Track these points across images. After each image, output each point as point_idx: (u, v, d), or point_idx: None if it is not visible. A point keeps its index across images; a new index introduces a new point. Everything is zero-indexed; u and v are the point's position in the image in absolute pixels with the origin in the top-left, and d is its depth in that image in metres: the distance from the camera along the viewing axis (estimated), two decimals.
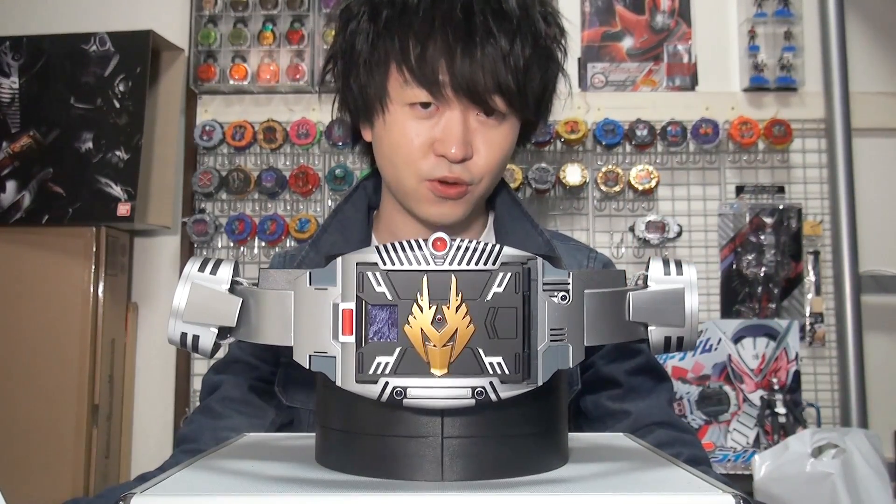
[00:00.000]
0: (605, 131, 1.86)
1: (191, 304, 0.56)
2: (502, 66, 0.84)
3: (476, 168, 0.88)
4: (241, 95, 1.95)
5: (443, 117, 0.87)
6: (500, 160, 0.90)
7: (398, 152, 0.88)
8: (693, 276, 0.57)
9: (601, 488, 0.50)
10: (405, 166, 0.89)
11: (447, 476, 0.52)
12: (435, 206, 0.90)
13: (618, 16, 1.96)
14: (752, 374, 1.80)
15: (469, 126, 0.87)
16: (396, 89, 0.87)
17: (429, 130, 0.87)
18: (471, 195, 0.91)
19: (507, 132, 0.90)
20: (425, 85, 0.85)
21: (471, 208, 0.93)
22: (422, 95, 0.86)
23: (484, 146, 0.88)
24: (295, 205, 1.91)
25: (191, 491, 0.50)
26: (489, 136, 0.88)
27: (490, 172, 0.90)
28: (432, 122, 0.87)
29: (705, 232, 1.90)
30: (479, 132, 0.88)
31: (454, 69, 0.84)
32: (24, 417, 1.73)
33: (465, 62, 0.84)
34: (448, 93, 0.85)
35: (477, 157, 0.88)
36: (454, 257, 0.49)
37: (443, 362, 0.49)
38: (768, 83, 1.92)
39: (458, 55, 0.83)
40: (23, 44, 1.85)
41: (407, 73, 0.85)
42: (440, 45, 0.84)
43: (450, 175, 0.87)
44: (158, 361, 1.90)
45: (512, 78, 0.85)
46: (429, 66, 0.84)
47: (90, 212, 1.77)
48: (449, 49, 0.84)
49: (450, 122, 0.86)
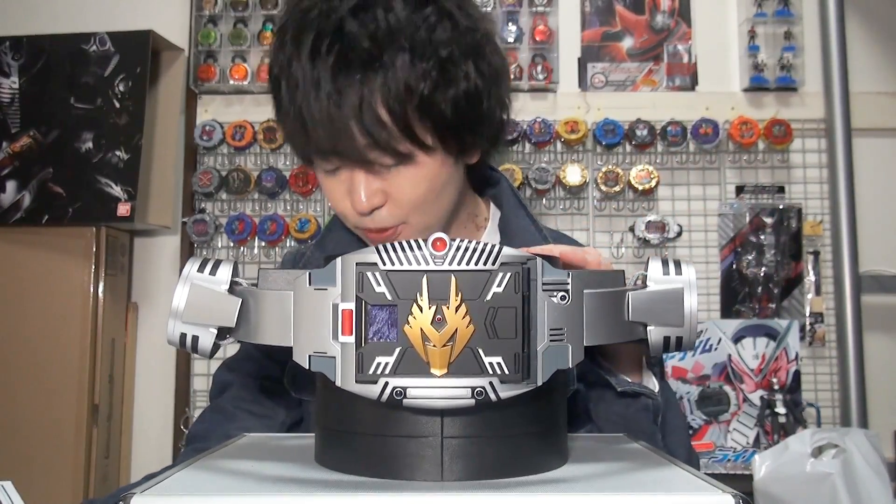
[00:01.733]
0: (605, 131, 1.86)
1: (190, 304, 0.56)
2: (377, 122, 0.79)
3: (394, 212, 0.86)
4: (241, 95, 1.95)
5: (346, 177, 0.85)
6: (421, 196, 0.85)
7: (333, 206, 0.90)
8: (692, 276, 0.58)
9: (601, 488, 0.50)
10: (342, 217, 0.91)
11: (447, 476, 0.52)
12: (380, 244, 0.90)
13: (618, 16, 1.96)
14: (752, 374, 1.80)
15: (368, 181, 0.84)
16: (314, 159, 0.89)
17: (344, 192, 0.86)
18: (408, 230, 0.88)
19: (415, 170, 0.84)
20: (319, 157, 0.85)
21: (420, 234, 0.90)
22: (325, 163, 0.85)
23: (394, 190, 0.85)
24: (295, 205, 1.91)
25: (191, 491, 0.50)
26: (395, 182, 0.85)
27: (416, 210, 0.86)
28: (343, 183, 0.86)
29: (705, 232, 1.90)
30: (386, 179, 0.85)
31: (331, 138, 0.81)
32: (24, 417, 1.73)
33: (337, 129, 0.80)
34: (334, 160, 0.84)
35: (391, 203, 0.85)
36: (454, 257, 0.49)
37: (442, 362, 0.49)
38: (768, 83, 1.92)
39: (319, 124, 0.80)
40: (23, 44, 1.85)
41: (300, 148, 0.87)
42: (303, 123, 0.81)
43: (371, 225, 0.86)
44: (158, 361, 1.90)
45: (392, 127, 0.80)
46: (313, 140, 0.82)
47: (90, 212, 1.77)
48: (325, 119, 0.80)
49: (349, 179, 0.85)
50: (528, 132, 1.86)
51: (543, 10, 1.91)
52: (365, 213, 0.85)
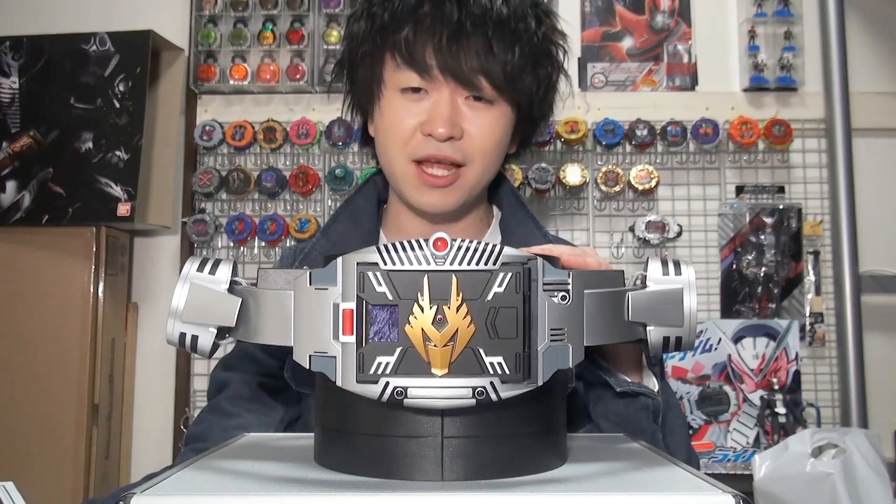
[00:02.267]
0: (605, 131, 1.86)
1: (189, 304, 0.56)
2: (488, 51, 0.88)
3: (466, 148, 0.91)
4: (241, 95, 1.95)
5: (432, 100, 0.90)
6: (492, 144, 0.92)
7: (390, 134, 0.92)
8: (691, 277, 0.58)
9: (601, 488, 0.50)
10: (395, 148, 0.92)
11: (447, 476, 0.52)
12: (425, 193, 0.92)
13: (618, 16, 1.96)
14: (752, 374, 1.80)
15: (457, 108, 0.90)
16: (389, 74, 0.92)
17: (418, 113, 0.90)
18: (461, 182, 0.92)
19: (497, 116, 0.92)
20: (414, 66, 0.89)
21: (464, 196, 0.94)
22: (412, 78, 0.90)
23: (473, 128, 0.91)
24: (295, 205, 1.91)
25: (191, 491, 0.50)
26: (478, 118, 0.91)
27: (482, 155, 0.92)
28: (422, 106, 0.91)
29: (705, 232, 1.90)
30: (468, 115, 0.91)
31: (441, 52, 0.88)
32: (24, 417, 1.73)
33: (451, 45, 0.87)
34: (436, 73, 0.89)
35: (467, 138, 0.90)
36: (455, 257, 0.49)
37: (443, 362, 0.49)
38: (768, 83, 1.91)
39: (445, 39, 0.87)
40: (23, 44, 1.85)
41: (398, 58, 0.90)
42: (429, 32, 0.88)
43: (437, 153, 0.90)
44: (158, 361, 1.90)
45: (498, 63, 0.88)
46: (418, 49, 0.89)
47: (90, 212, 1.77)
48: (437, 35, 0.88)
49: (437, 102, 0.90)
50: None
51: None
52: (443, 139, 0.89)
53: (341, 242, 0.98)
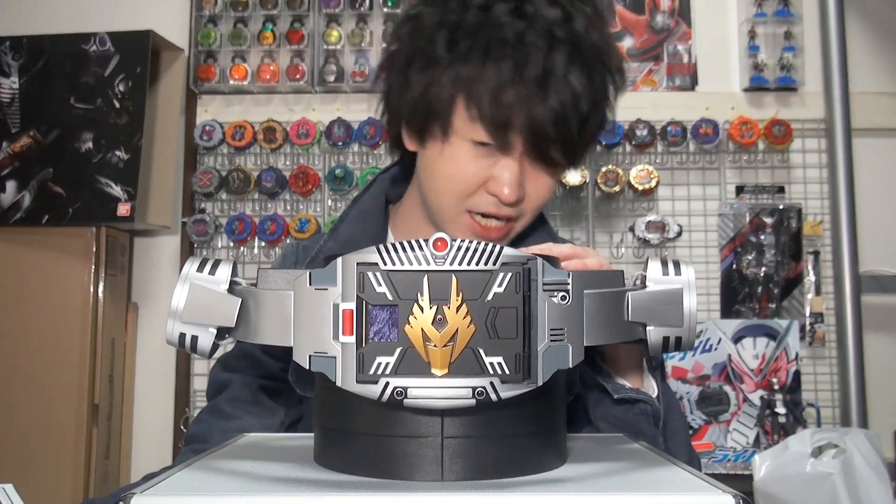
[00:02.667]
0: (605, 131, 1.86)
1: (189, 304, 0.56)
2: (571, 118, 0.83)
3: (522, 209, 0.90)
4: (241, 95, 1.95)
5: (502, 159, 0.86)
6: (545, 199, 0.92)
7: (451, 184, 0.88)
8: (691, 277, 0.58)
9: (601, 488, 0.50)
10: (454, 198, 0.88)
11: (447, 476, 0.52)
12: (470, 234, 0.89)
13: (618, 16, 1.96)
14: (752, 374, 1.80)
15: (525, 169, 0.87)
16: (462, 123, 0.85)
17: (486, 169, 0.86)
18: (510, 231, 0.92)
19: (555, 178, 0.91)
20: (493, 129, 0.83)
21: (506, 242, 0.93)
22: (486, 136, 0.84)
23: (533, 189, 0.88)
24: (295, 205, 1.91)
25: (191, 491, 0.50)
26: (539, 178, 0.89)
27: (533, 210, 0.91)
28: (490, 162, 0.86)
29: (705, 232, 1.90)
30: (531, 176, 0.88)
31: (524, 118, 0.82)
32: (24, 417, 1.73)
33: (536, 112, 0.82)
34: (514, 138, 0.84)
35: (526, 197, 0.88)
36: (455, 257, 0.49)
37: (443, 362, 0.49)
38: (768, 83, 1.91)
39: (529, 105, 0.81)
40: (23, 44, 1.85)
41: (476, 113, 0.83)
42: (514, 90, 0.81)
43: (498, 212, 0.88)
44: (158, 361, 1.90)
45: (576, 129, 0.84)
46: (501, 111, 0.82)
47: (90, 212, 1.77)
48: (521, 96, 0.81)
49: (509, 166, 0.86)
50: None
51: None
52: (511, 203, 0.86)
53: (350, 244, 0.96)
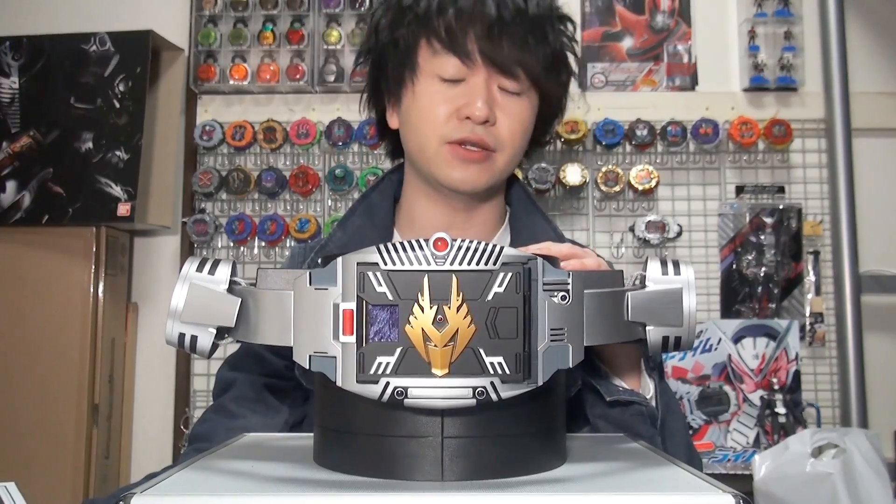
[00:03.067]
0: (605, 131, 1.86)
1: (189, 304, 0.56)
2: (524, 44, 0.91)
3: (498, 133, 0.93)
4: (241, 95, 1.95)
5: (468, 85, 0.92)
6: (521, 132, 0.95)
7: (425, 119, 0.93)
8: (691, 277, 0.58)
9: (600, 488, 0.50)
10: (430, 131, 0.93)
11: (447, 476, 0.52)
12: (457, 169, 0.93)
13: (618, 16, 1.96)
14: (752, 374, 1.80)
15: (493, 94, 0.92)
16: (426, 60, 0.93)
17: (454, 98, 0.92)
18: (492, 163, 0.93)
19: (526, 105, 0.95)
20: (455, 51, 0.91)
21: (492, 179, 0.95)
22: (450, 66, 0.91)
23: (505, 116, 0.93)
24: (295, 205, 1.91)
25: (191, 491, 0.50)
26: (509, 106, 0.93)
27: (511, 143, 0.94)
28: (458, 91, 0.92)
29: (705, 232, 1.90)
30: (501, 103, 0.93)
31: (482, 39, 0.90)
32: (24, 417, 1.73)
33: (491, 34, 0.90)
34: (476, 58, 0.91)
35: (499, 124, 0.92)
36: (455, 257, 0.49)
37: (444, 362, 0.49)
38: (768, 83, 1.91)
39: (485, 28, 0.90)
40: (23, 44, 1.85)
41: (438, 44, 0.91)
42: (469, 21, 0.90)
43: (472, 136, 0.91)
44: (158, 361, 1.90)
45: (533, 56, 0.91)
46: (459, 35, 0.90)
47: (90, 212, 1.77)
48: (477, 23, 0.90)
49: (475, 86, 0.91)
50: None
51: None
52: (480, 120, 0.90)
53: (358, 236, 0.99)
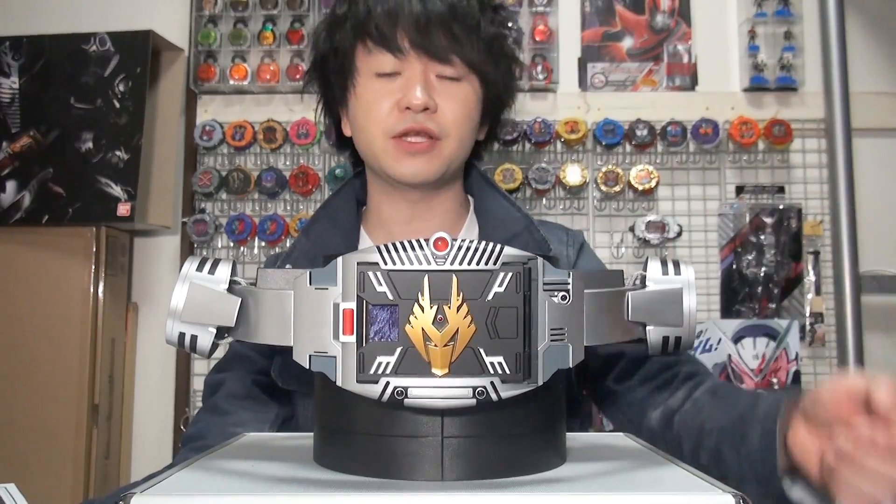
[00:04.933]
0: (605, 131, 1.86)
1: (189, 304, 0.56)
2: (453, 35, 0.93)
3: (441, 120, 0.94)
4: (241, 95, 1.95)
5: (405, 77, 0.94)
6: (464, 116, 0.95)
7: (369, 116, 0.95)
8: (691, 276, 0.58)
9: (601, 488, 0.50)
10: (375, 127, 0.95)
11: (447, 476, 0.52)
12: (404, 161, 0.95)
13: (618, 16, 1.96)
14: (752, 374, 1.80)
15: (430, 82, 0.94)
16: (363, 61, 0.96)
17: (393, 92, 0.94)
18: (439, 150, 0.94)
19: (467, 90, 0.96)
20: (387, 47, 0.93)
21: (442, 167, 0.96)
22: (385, 61, 0.94)
23: (446, 101, 0.94)
24: (295, 205, 1.91)
25: (191, 491, 0.50)
26: (449, 92, 0.94)
27: (455, 127, 0.95)
28: (397, 85, 0.94)
29: (705, 232, 1.90)
30: (441, 90, 0.94)
31: (412, 32, 0.93)
32: (24, 417, 1.73)
33: (420, 26, 0.92)
34: (408, 50, 0.93)
35: (440, 112, 0.94)
36: (455, 257, 0.49)
37: (444, 362, 0.49)
38: (768, 83, 1.91)
39: (414, 22, 0.92)
40: (23, 44, 1.85)
41: (371, 43, 0.94)
42: (399, 19, 0.93)
43: (414, 125, 0.93)
44: (158, 361, 1.90)
45: (464, 33, 0.94)
46: (389, 32, 0.93)
47: (90, 212, 1.77)
48: (407, 19, 0.93)
49: (411, 77, 0.93)
50: (528, 132, 1.86)
51: (543, 10, 1.91)
52: (419, 109, 0.92)
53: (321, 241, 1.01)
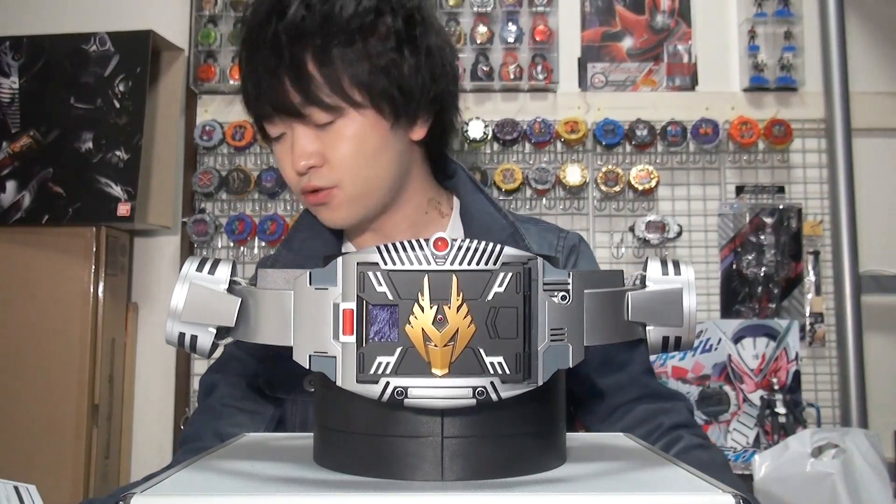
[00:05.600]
0: (605, 131, 1.86)
1: (189, 304, 0.56)
2: (304, 75, 0.88)
3: (331, 172, 0.92)
4: (241, 95, 1.94)
5: (287, 141, 0.94)
6: (353, 154, 0.92)
7: (284, 177, 0.97)
8: (691, 276, 0.58)
9: (601, 488, 0.50)
10: (291, 187, 0.97)
11: (447, 476, 0.52)
12: (318, 213, 0.97)
13: (618, 16, 1.96)
14: (752, 374, 1.80)
15: (308, 139, 0.91)
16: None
17: (287, 155, 0.94)
18: (340, 197, 0.93)
19: (348, 125, 0.91)
20: (260, 118, 0.94)
21: (353, 209, 0.95)
22: (270, 128, 0.94)
23: (329, 149, 0.92)
24: (295, 205, 1.90)
25: (191, 491, 0.50)
26: (332, 138, 0.92)
27: (347, 169, 0.92)
28: (287, 147, 0.94)
29: (705, 232, 1.90)
30: (322, 140, 0.92)
31: (267, 94, 0.91)
32: (24, 417, 1.73)
33: (272, 84, 0.90)
34: (273, 118, 0.93)
35: (327, 165, 0.92)
36: (455, 257, 0.49)
37: (444, 362, 0.49)
38: (768, 83, 1.91)
39: (266, 80, 0.90)
40: (23, 44, 1.85)
41: (251, 113, 0.96)
42: (259, 82, 0.92)
43: (307, 185, 0.93)
44: (158, 361, 1.90)
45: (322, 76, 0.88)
46: (252, 102, 0.94)
47: (90, 212, 1.77)
48: (258, 80, 0.91)
49: (286, 142, 0.94)
50: (528, 132, 1.86)
51: (543, 10, 1.91)
52: (302, 173, 0.92)
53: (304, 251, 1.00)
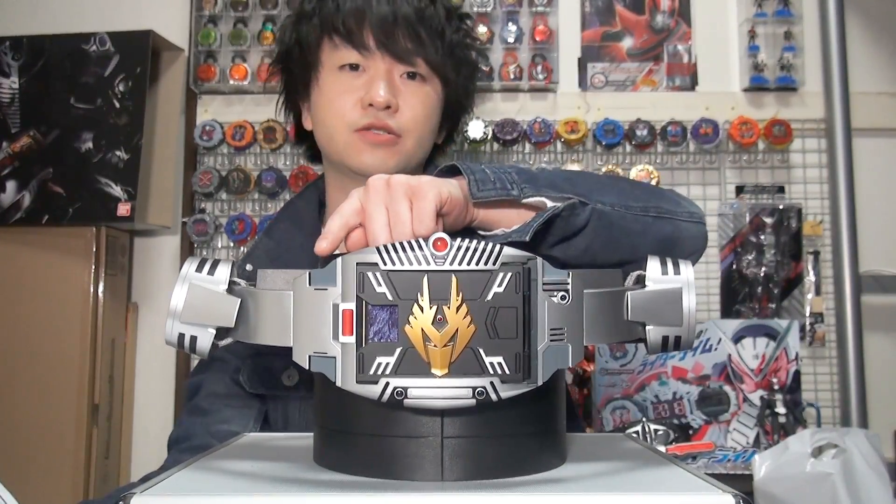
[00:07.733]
0: (605, 131, 1.86)
1: (188, 304, 0.56)
2: (418, 37, 0.96)
3: (402, 119, 0.96)
4: (241, 95, 1.95)
5: (369, 74, 0.96)
6: (424, 117, 0.98)
7: (331, 108, 0.97)
8: (690, 276, 0.58)
9: (601, 488, 0.50)
10: (338, 121, 0.96)
11: (447, 476, 0.52)
12: (366, 153, 0.96)
13: (618, 16, 1.96)
14: (752, 374, 1.80)
15: (393, 81, 0.96)
16: (327, 55, 0.98)
17: (357, 88, 0.96)
18: (400, 147, 0.97)
19: (429, 92, 0.98)
20: (353, 43, 0.95)
21: (402, 163, 0.98)
22: (350, 55, 0.96)
23: (407, 101, 0.96)
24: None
25: (191, 491, 0.50)
26: (411, 94, 0.97)
27: (415, 127, 0.97)
28: (360, 81, 0.96)
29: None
30: (403, 91, 0.97)
31: (378, 31, 0.95)
32: (24, 417, 1.73)
33: (386, 27, 0.95)
34: (373, 48, 0.95)
35: (401, 112, 0.96)
36: (454, 257, 0.49)
37: (443, 362, 0.49)
38: (768, 83, 1.91)
39: (381, 22, 0.95)
40: (23, 44, 1.85)
41: (337, 38, 0.96)
42: (366, 18, 0.95)
43: (377, 121, 0.95)
44: (158, 361, 1.90)
45: (428, 47, 0.96)
46: (356, 29, 0.95)
47: (90, 212, 1.77)
48: (373, 19, 0.95)
49: (375, 75, 0.95)
50: (528, 132, 1.86)
51: (543, 10, 1.91)
52: (382, 106, 0.94)
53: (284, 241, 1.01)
